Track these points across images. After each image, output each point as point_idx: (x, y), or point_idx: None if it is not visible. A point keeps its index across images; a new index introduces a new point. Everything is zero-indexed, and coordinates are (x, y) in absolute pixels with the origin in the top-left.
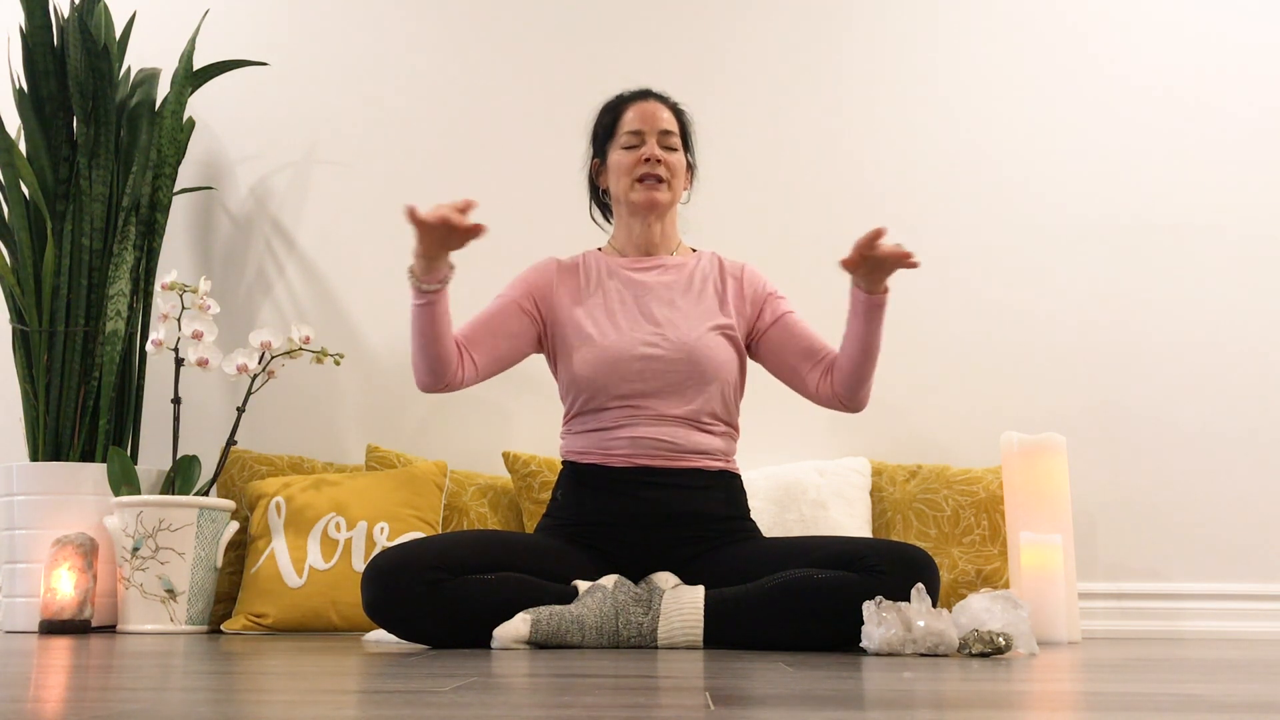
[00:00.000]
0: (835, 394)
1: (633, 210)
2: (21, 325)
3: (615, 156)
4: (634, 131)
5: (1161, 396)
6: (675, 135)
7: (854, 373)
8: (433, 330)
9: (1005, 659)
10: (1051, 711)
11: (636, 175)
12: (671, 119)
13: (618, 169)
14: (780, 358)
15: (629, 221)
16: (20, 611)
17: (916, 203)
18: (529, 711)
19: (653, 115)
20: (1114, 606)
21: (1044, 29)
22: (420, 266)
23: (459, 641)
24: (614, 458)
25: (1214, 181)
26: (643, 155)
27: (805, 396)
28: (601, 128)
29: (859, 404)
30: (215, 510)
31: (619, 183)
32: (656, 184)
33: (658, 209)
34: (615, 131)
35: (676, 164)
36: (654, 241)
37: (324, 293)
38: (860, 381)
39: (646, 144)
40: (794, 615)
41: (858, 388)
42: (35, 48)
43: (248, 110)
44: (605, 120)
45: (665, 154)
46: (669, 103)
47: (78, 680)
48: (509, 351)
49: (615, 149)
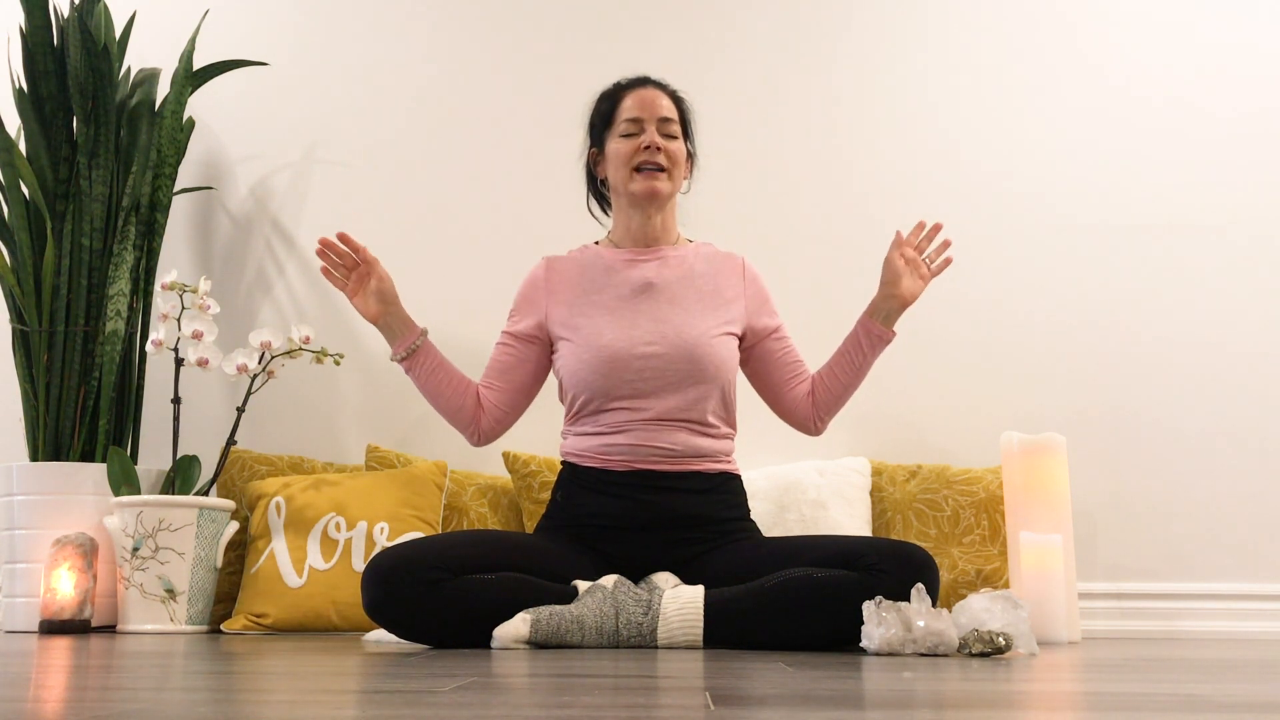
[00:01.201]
0: (816, 414)
1: (632, 201)
2: (21, 325)
3: (614, 145)
4: (633, 119)
5: (1161, 396)
6: (675, 123)
7: (840, 397)
8: (429, 391)
9: (1005, 659)
10: (1051, 711)
11: (635, 164)
12: (671, 106)
13: (616, 158)
14: (767, 369)
15: (628, 212)
16: (20, 611)
17: (916, 202)
18: (529, 711)
19: (652, 103)
20: (1114, 606)
21: (1044, 29)
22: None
23: (459, 641)
24: (614, 462)
25: (1214, 182)
26: (642, 144)
27: (777, 410)
28: (599, 116)
29: (824, 428)
30: (215, 510)
31: (618, 172)
32: (656, 173)
33: (658, 199)
34: (613, 120)
35: (676, 152)
36: (653, 233)
37: (324, 293)
38: (839, 407)
39: (646, 132)
40: (794, 615)
41: (834, 413)
42: (35, 48)
43: (248, 110)
44: (603, 108)
45: (665, 142)
46: (668, 90)
47: (78, 680)
48: (529, 376)
49: (613, 138)
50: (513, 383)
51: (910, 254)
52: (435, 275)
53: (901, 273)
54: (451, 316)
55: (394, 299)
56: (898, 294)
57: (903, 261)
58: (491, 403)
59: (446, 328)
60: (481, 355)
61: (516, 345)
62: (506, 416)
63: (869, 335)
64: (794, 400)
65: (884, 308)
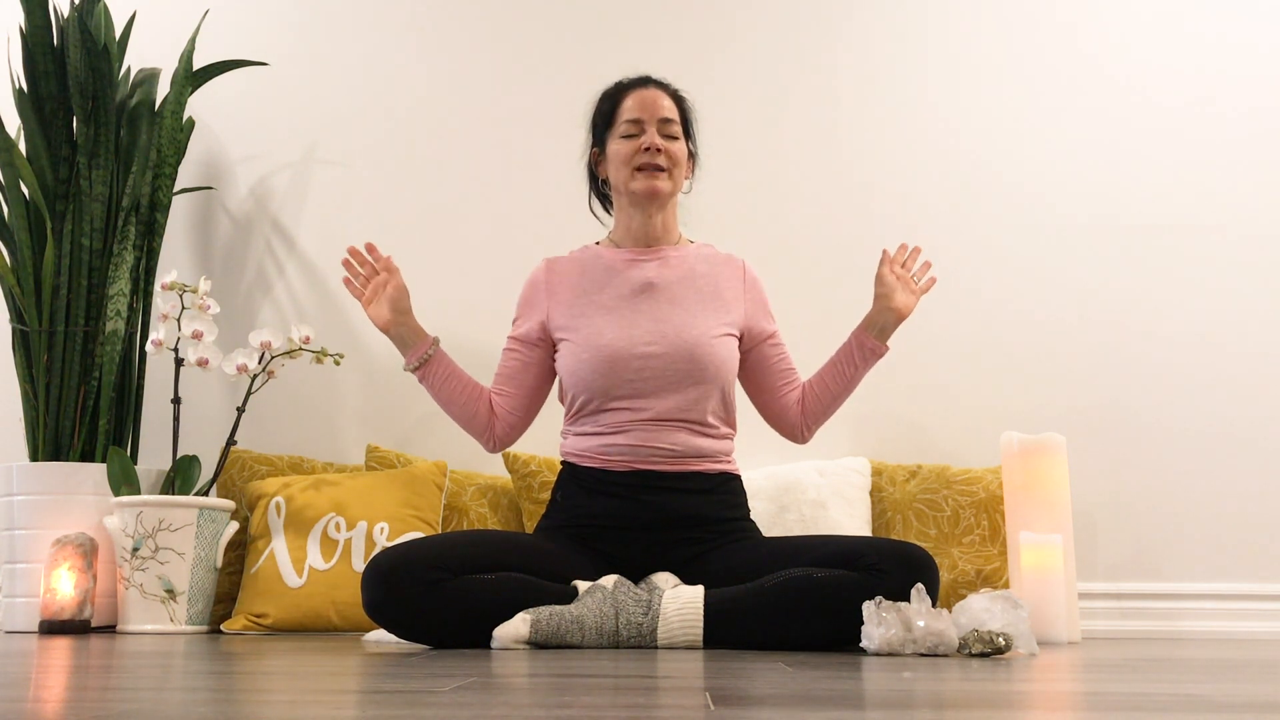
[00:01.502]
0: (804, 422)
1: (633, 200)
2: (21, 325)
3: (615, 146)
4: (633, 120)
5: (1161, 396)
6: (676, 123)
7: (829, 408)
8: (443, 400)
9: (1005, 659)
10: (1051, 711)
11: (636, 164)
12: (672, 106)
13: (617, 158)
14: (761, 374)
15: (629, 212)
16: (20, 611)
17: (915, 202)
18: (529, 711)
19: (653, 103)
20: (1114, 606)
21: (1044, 29)
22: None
23: (459, 641)
24: (614, 462)
25: (1214, 181)
26: (642, 144)
27: (766, 415)
28: (600, 116)
29: (811, 436)
30: (215, 510)
31: (619, 173)
32: (657, 173)
33: (659, 198)
34: (614, 120)
35: (677, 153)
36: (654, 233)
37: (324, 293)
38: (827, 417)
39: (646, 133)
40: (794, 615)
41: (822, 422)
42: (35, 48)
43: (248, 110)
44: (604, 108)
45: (666, 142)
46: (669, 89)
47: (78, 680)
48: (538, 378)
49: (614, 138)
50: (522, 387)
51: (900, 271)
52: (435, 275)
53: (894, 287)
54: (452, 316)
55: (407, 309)
56: (893, 307)
57: (894, 277)
58: (504, 409)
59: (447, 328)
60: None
61: (522, 349)
62: (520, 421)
63: (862, 349)
64: (784, 406)
65: (879, 321)
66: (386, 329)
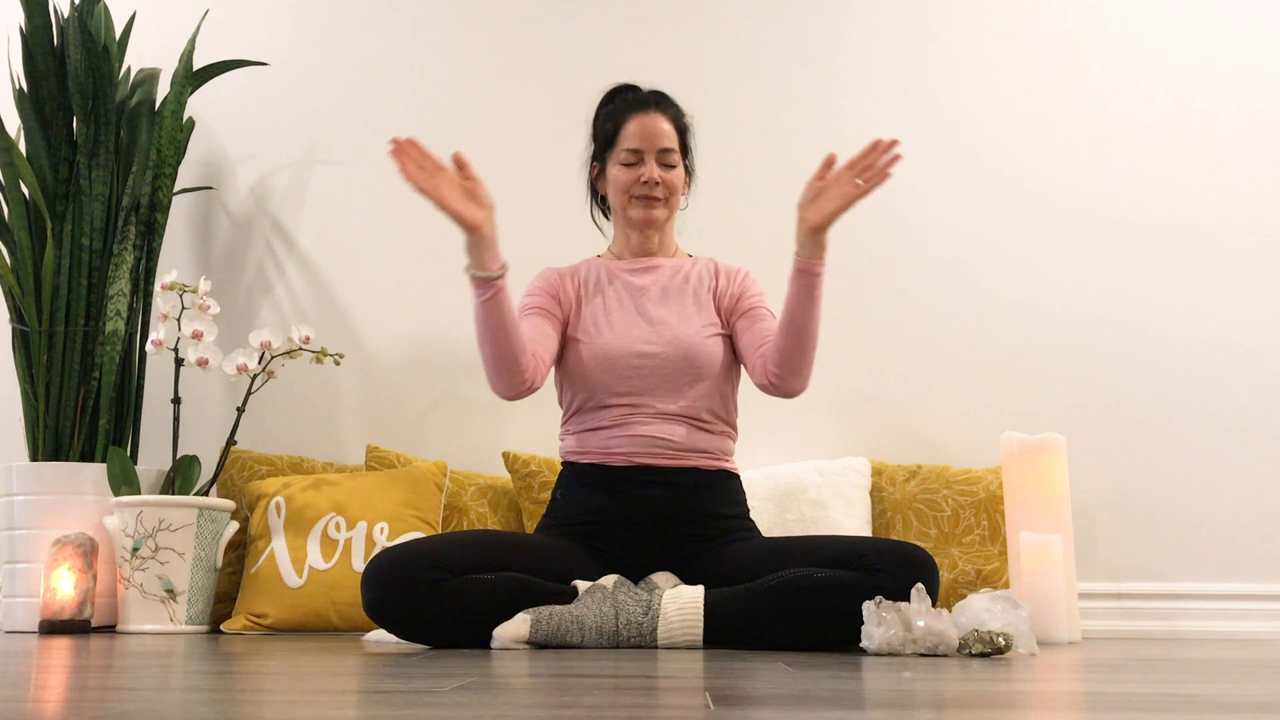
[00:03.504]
0: (767, 371)
1: (630, 224)
2: (21, 325)
3: (614, 171)
4: (633, 149)
5: (1161, 396)
6: (675, 151)
7: (788, 350)
8: (503, 325)
9: (1005, 659)
10: (1051, 711)
11: (635, 194)
12: (671, 133)
13: (616, 184)
14: (739, 345)
15: (627, 231)
16: (20, 611)
17: (915, 202)
18: (529, 711)
19: (653, 134)
20: (1114, 606)
21: (1044, 28)
22: (473, 257)
23: (459, 641)
24: (613, 456)
25: (1214, 181)
26: (641, 177)
27: (753, 377)
28: (602, 134)
29: (792, 388)
30: (215, 510)
31: (617, 197)
32: (654, 203)
33: (654, 225)
34: (615, 144)
35: (675, 181)
36: (650, 250)
37: (324, 293)
38: (794, 360)
39: (646, 164)
40: (793, 615)
41: (792, 369)
42: (35, 48)
43: (248, 110)
44: (607, 128)
45: (664, 172)
46: (669, 112)
47: (78, 680)
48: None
49: (614, 163)
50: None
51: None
52: (435, 275)
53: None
54: (452, 317)
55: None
56: (803, 218)
57: (817, 186)
58: (542, 361)
59: (447, 328)
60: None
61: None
62: (545, 370)
63: (796, 271)
64: (759, 365)
65: (798, 237)
66: (479, 226)
